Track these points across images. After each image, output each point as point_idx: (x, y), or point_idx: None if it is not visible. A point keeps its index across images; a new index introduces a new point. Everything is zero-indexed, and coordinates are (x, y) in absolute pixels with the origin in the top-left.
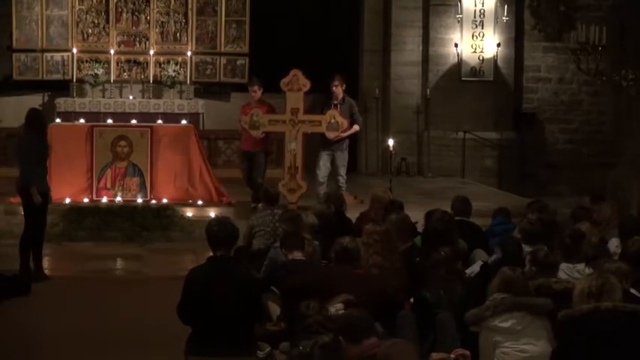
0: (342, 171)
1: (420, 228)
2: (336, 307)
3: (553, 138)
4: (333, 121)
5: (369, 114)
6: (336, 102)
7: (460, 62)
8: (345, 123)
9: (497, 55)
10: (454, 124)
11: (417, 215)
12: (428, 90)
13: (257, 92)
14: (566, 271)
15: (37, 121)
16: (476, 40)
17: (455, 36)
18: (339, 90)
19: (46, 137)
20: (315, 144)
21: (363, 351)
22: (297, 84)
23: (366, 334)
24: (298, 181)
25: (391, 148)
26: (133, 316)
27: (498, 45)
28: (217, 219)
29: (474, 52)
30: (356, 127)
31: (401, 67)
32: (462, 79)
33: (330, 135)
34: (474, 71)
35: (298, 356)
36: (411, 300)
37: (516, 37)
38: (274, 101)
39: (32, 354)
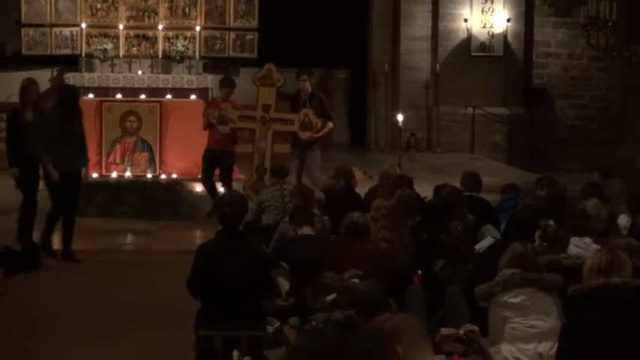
0: (315, 170)
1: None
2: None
3: (563, 114)
4: (306, 120)
5: (379, 89)
6: (305, 97)
7: (470, 37)
8: (320, 123)
9: (507, 31)
10: (464, 99)
11: (426, 190)
12: (437, 65)
13: (232, 92)
14: (574, 243)
15: (68, 100)
16: (485, 15)
17: (464, 11)
18: (307, 85)
19: (74, 118)
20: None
21: (373, 326)
22: (270, 79)
23: (381, 310)
24: (266, 182)
25: (400, 124)
26: (142, 291)
27: (508, 20)
28: (227, 194)
29: (484, 27)
30: (330, 125)
31: (410, 42)
32: (472, 54)
33: (304, 135)
34: (484, 46)
35: (310, 331)
36: (420, 274)
37: (526, 12)
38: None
39: (42, 329)
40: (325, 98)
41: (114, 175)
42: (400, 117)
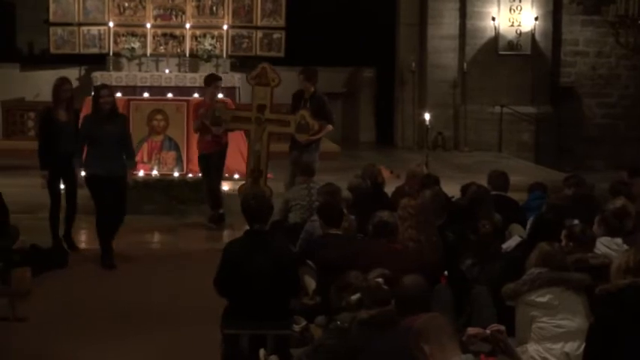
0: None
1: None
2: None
3: (590, 112)
4: (303, 122)
5: (406, 87)
6: (306, 97)
7: (497, 36)
8: (316, 125)
9: (534, 29)
10: (491, 98)
11: (453, 189)
12: (465, 64)
13: (219, 88)
14: (605, 243)
15: (93, 100)
16: (513, 14)
17: (492, 9)
18: (308, 85)
19: (110, 120)
20: None
21: (404, 324)
22: (265, 78)
23: (422, 308)
24: (262, 186)
25: (427, 122)
26: (168, 290)
27: (536, 18)
28: (254, 192)
29: (512, 25)
30: (329, 127)
31: (438, 40)
32: (499, 52)
33: (301, 138)
34: (512, 45)
35: (335, 330)
36: (446, 274)
37: (554, 11)
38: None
39: (69, 327)
40: (326, 99)
41: (141, 173)
42: (427, 116)
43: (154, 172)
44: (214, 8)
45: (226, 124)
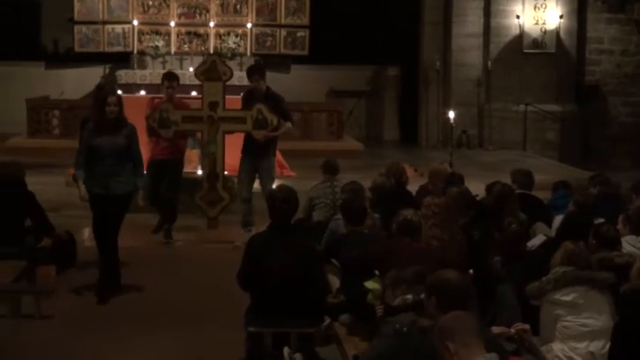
0: (269, 185)
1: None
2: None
3: (615, 111)
4: (260, 117)
5: (430, 86)
6: (259, 97)
7: (522, 34)
8: (275, 120)
9: (559, 27)
10: (515, 96)
11: (477, 188)
12: (489, 62)
13: (175, 88)
14: (630, 242)
15: (97, 106)
16: (538, 12)
17: (517, 7)
18: (260, 85)
19: (95, 130)
20: None
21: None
22: (215, 72)
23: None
24: (220, 192)
25: (452, 121)
26: (192, 288)
27: (561, 17)
28: (280, 188)
29: (536, 23)
30: (288, 125)
31: (462, 39)
32: (524, 51)
33: (258, 135)
34: (536, 43)
35: (393, 335)
36: (471, 272)
37: (579, 9)
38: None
39: (93, 324)
40: (283, 98)
41: None
42: (452, 114)
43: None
44: (238, 6)
45: (176, 125)
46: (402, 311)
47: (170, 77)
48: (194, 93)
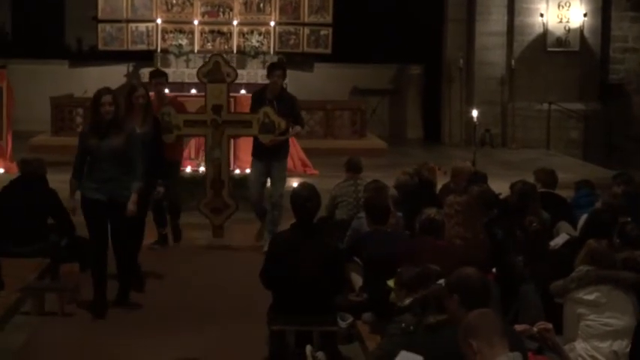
0: (280, 187)
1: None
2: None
3: (639, 109)
4: (266, 120)
5: (453, 84)
6: (271, 97)
7: (546, 32)
8: (283, 123)
9: (583, 25)
10: (539, 95)
11: (500, 187)
12: (513, 60)
13: (164, 84)
14: None
15: (93, 106)
16: (562, 10)
17: (540, 5)
18: (278, 83)
19: (91, 133)
20: None
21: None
22: (219, 73)
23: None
24: (225, 199)
25: (475, 119)
26: (216, 286)
27: (585, 15)
28: (303, 186)
29: (560, 22)
30: (297, 129)
31: (486, 37)
32: (548, 49)
33: (265, 139)
34: (560, 41)
35: (400, 334)
36: (494, 271)
37: (603, 7)
38: (353, 71)
39: (118, 321)
40: (297, 100)
41: (188, 170)
42: (475, 113)
43: (202, 169)
44: (261, 5)
45: (178, 130)
46: (410, 310)
47: (157, 74)
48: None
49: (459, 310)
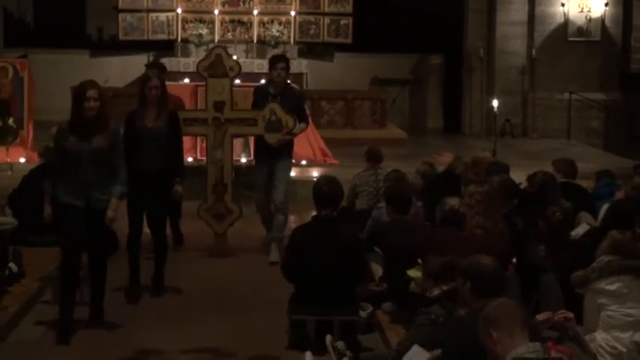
0: (282, 190)
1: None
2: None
3: None
4: (273, 118)
5: (474, 74)
6: (275, 92)
7: (567, 22)
8: (291, 121)
9: (604, 15)
10: (560, 84)
11: (521, 177)
12: (533, 50)
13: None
14: None
15: (75, 102)
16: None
17: None
18: (282, 76)
19: (72, 131)
20: None
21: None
22: (221, 67)
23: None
24: (228, 204)
25: (495, 109)
26: (237, 275)
27: (606, 4)
28: (326, 178)
29: (581, 11)
30: (302, 126)
31: (506, 26)
32: (569, 39)
33: (271, 139)
34: (581, 31)
35: (430, 325)
36: (514, 261)
37: None
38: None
39: (139, 310)
40: (303, 95)
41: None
42: (495, 102)
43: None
44: None
45: None
46: (438, 301)
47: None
48: (237, 81)
49: (470, 298)
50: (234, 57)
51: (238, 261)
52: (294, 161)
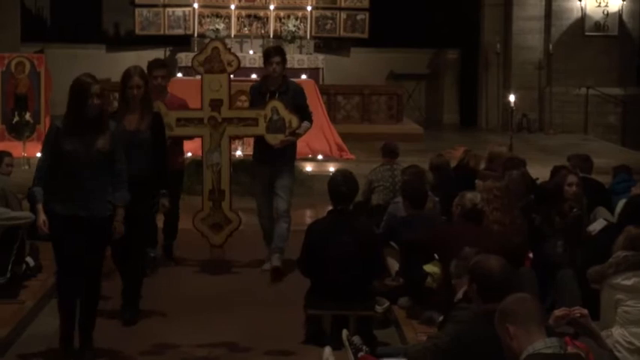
0: (285, 197)
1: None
2: None
3: None
4: (276, 117)
5: (490, 69)
6: (273, 89)
7: (584, 16)
8: (296, 120)
9: (622, 9)
10: (577, 79)
11: (538, 172)
12: (550, 45)
13: (165, 77)
14: None
15: (74, 99)
16: None
17: None
18: (277, 71)
19: (67, 132)
20: None
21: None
22: (218, 62)
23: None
24: (226, 213)
25: (512, 104)
26: (253, 270)
27: None
28: (341, 173)
29: (599, 6)
30: (307, 125)
31: (523, 21)
32: (586, 33)
33: (274, 140)
34: (598, 26)
35: (473, 320)
36: (531, 256)
37: None
38: (390, 56)
39: (153, 305)
40: (304, 92)
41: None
42: (512, 97)
43: (238, 153)
44: None
45: (171, 129)
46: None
47: (155, 65)
48: (254, 76)
49: (476, 299)
50: (251, 52)
51: (259, 253)
52: (310, 155)
